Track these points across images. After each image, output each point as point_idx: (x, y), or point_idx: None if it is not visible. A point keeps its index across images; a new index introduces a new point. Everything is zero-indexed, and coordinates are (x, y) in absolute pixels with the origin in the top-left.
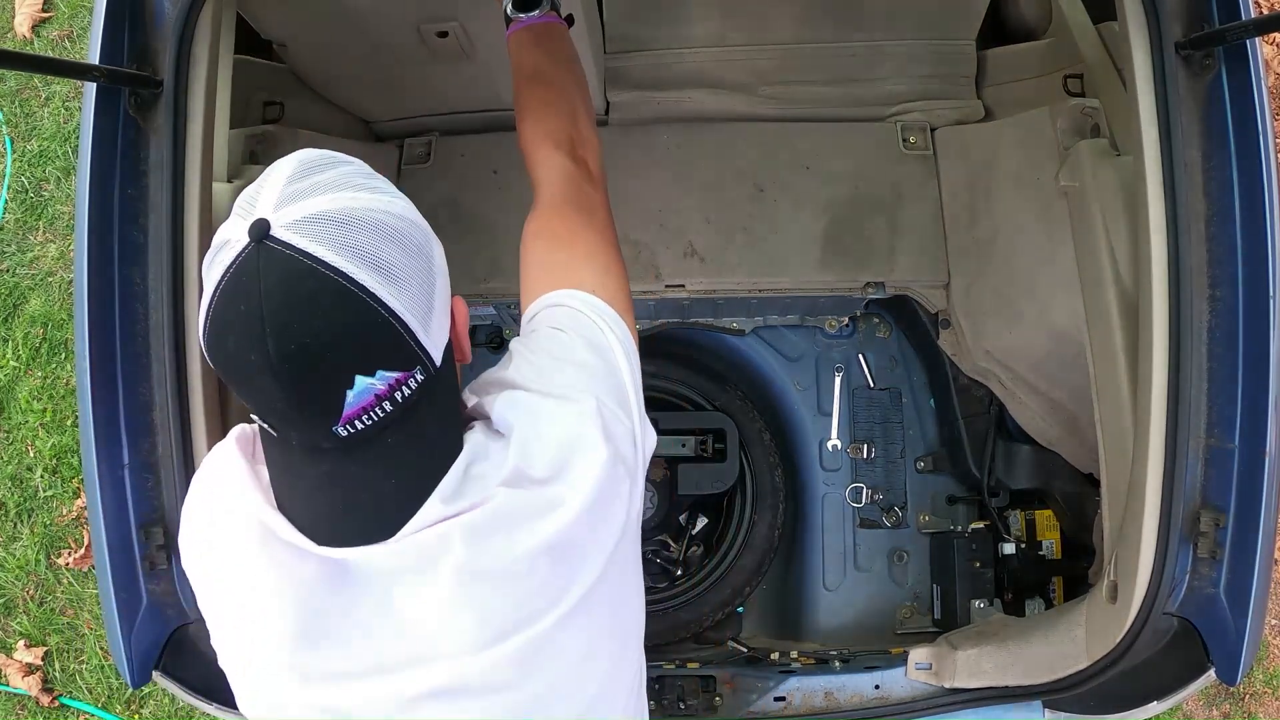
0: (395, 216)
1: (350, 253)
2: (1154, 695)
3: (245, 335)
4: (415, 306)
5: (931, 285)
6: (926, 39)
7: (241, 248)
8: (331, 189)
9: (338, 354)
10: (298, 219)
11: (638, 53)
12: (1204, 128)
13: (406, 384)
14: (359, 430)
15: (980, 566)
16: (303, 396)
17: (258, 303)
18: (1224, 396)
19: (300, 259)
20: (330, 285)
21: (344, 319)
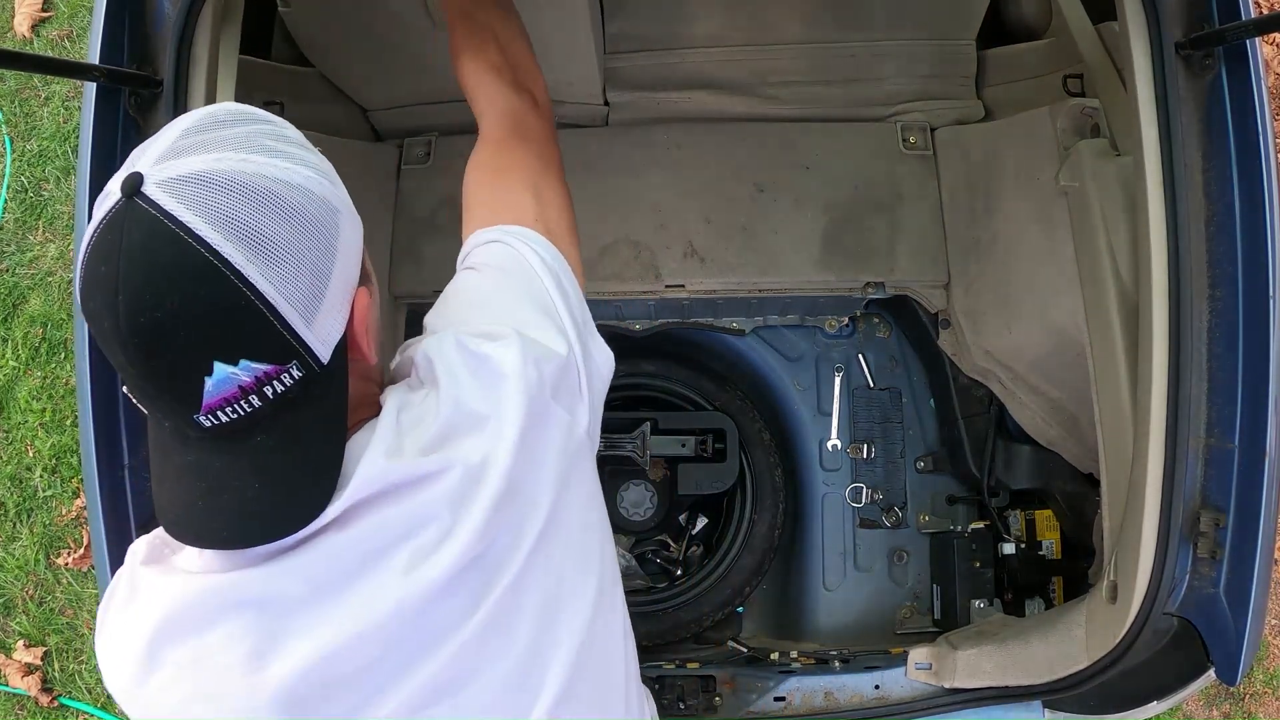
0: (292, 187)
1: (222, 223)
2: (1154, 695)
3: (103, 298)
4: (295, 293)
5: (931, 285)
6: (926, 39)
7: (114, 201)
8: (224, 147)
9: (192, 334)
10: (172, 176)
11: (638, 53)
12: (1204, 128)
13: (279, 379)
14: (224, 423)
15: (980, 566)
16: (156, 375)
17: (115, 265)
18: (1224, 396)
19: (165, 223)
20: (192, 256)
21: (203, 297)
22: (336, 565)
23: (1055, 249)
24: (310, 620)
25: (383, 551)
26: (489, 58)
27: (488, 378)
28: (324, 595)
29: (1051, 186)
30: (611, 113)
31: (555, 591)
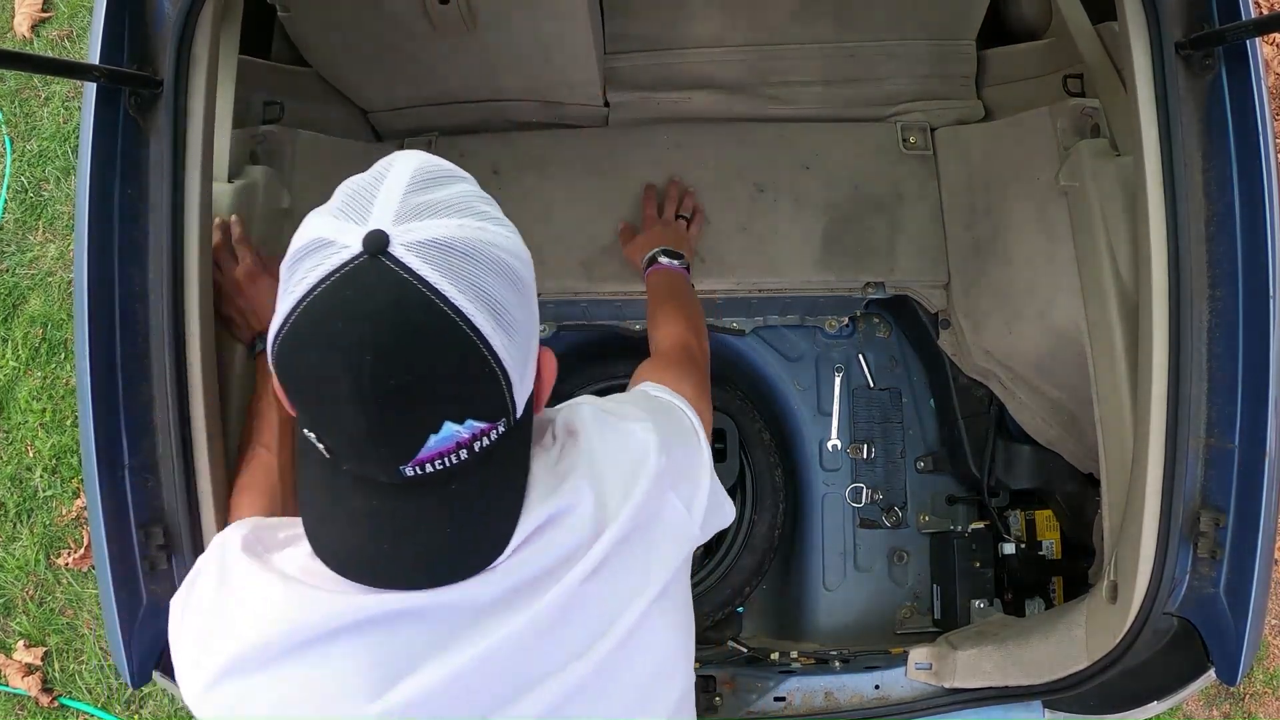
0: (513, 255)
1: (472, 291)
2: (1154, 695)
3: (338, 354)
4: (519, 358)
5: (931, 285)
6: (926, 39)
7: (351, 256)
8: (455, 212)
9: (436, 396)
10: (421, 240)
11: (638, 53)
12: (1204, 128)
13: (489, 434)
14: (425, 474)
15: (980, 566)
16: (385, 432)
17: (362, 324)
18: (1224, 396)
19: (419, 287)
20: (446, 322)
21: (453, 361)
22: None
23: (1055, 249)
24: (428, 653)
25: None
26: (680, 327)
27: (621, 441)
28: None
29: (1051, 186)
30: (611, 113)
31: (659, 659)
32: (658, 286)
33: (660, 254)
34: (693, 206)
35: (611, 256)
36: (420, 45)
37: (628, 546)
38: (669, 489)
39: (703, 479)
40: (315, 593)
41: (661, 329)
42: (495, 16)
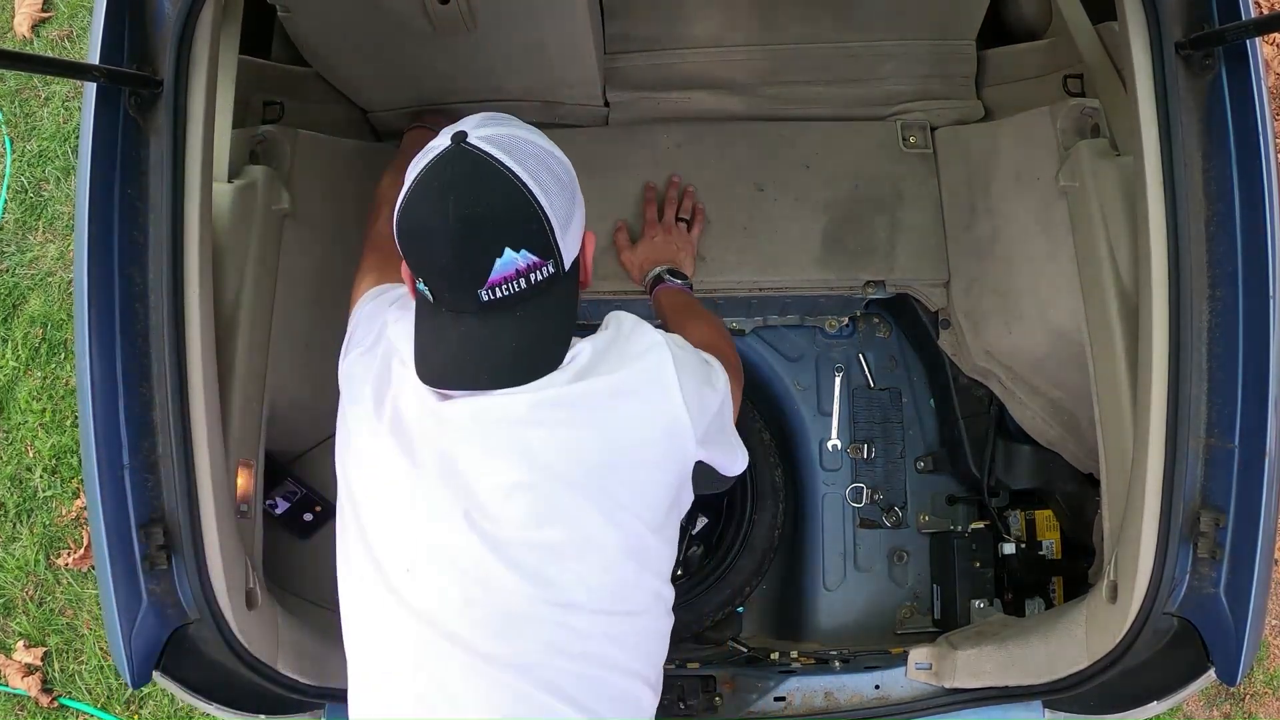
0: (554, 158)
1: (520, 163)
2: (1154, 695)
3: (434, 202)
4: (558, 214)
5: (931, 284)
6: (926, 39)
7: (443, 149)
8: (514, 126)
9: (498, 226)
10: (487, 134)
11: (638, 53)
12: (1204, 128)
13: (540, 269)
14: (497, 298)
15: (980, 566)
16: (465, 254)
17: (449, 179)
18: (1224, 396)
19: (486, 157)
20: (504, 178)
21: (508, 203)
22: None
23: (1055, 249)
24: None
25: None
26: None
27: (639, 333)
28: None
29: (1051, 186)
30: (612, 113)
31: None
32: (673, 307)
33: (665, 273)
34: (693, 208)
35: (611, 256)
36: (420, 45)
37: (600, 402)
38: (671, 371)
39: (710, 400)
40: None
41: (691, 334)
42: (495, 16)
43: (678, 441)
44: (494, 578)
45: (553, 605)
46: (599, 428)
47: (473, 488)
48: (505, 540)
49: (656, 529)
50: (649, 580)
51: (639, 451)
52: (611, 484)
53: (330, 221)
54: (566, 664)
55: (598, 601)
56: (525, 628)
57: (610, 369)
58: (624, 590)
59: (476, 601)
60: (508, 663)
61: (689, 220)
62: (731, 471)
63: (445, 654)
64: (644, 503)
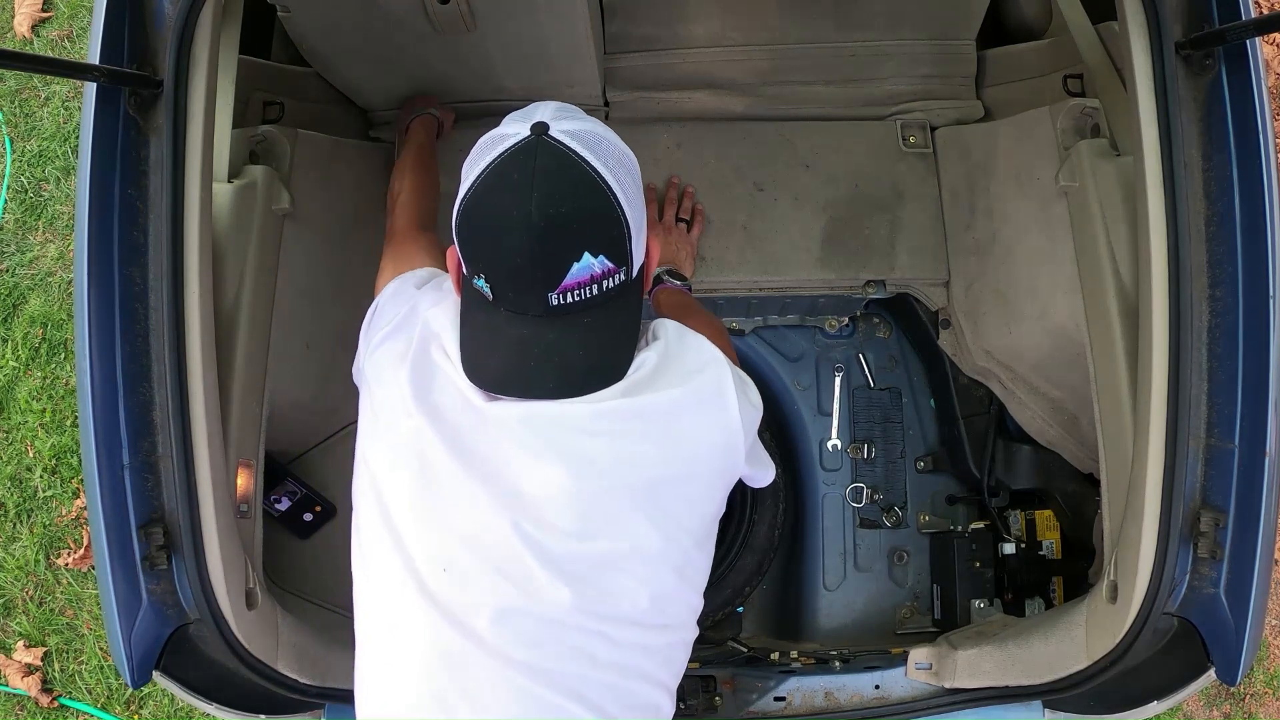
0: (631, 159)
1: (604, 163)
2: (1154, 695)
3: (514, 196)
4: (636, 220)
5: (932, 283)
6: (926, 39)
7: (521, 138)
8: (590, 120)
9: (580, 228)
10: (570, 129)
11: (638, 53)
12: (1204, 128)
13: (613, 277)
14: (566, 304)
15: (980, 566)
16: (543, 254)
17: (531, 173)
18: (1224, 396)
19: (570, 153)
20: (589, 177)
21: (593, 205)
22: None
23: (1055, 249)
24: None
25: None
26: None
27: (695, 343)
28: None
29: (1051, 186)
30: (611, 113)
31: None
32: (672, 307)
33: (664, 274)
34: (692, 208)
35: None
36: (420, 45)
37: (663, 417)
38: (731, 388)
39: (754, 416)
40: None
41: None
42: (495, 16)
43: (731, 457)
44: (535, 585)
45: (592, 616)
46: (660, 442)
47: (521, 491)
48: (551, 548)
49: (700, 542)
50: (688, 594)
51: (696, 466)
52: (666, 498)
53: (330, 221)
54: (597, 674)
55: (639, 614)
56: (560, 636)
57: (671, 383)
58: (664, 604)
59: (514, 609)
60: (536, 669)
61: (689, 220)
62: (762, 483)
63: (470, 658)
64: (693, 516)
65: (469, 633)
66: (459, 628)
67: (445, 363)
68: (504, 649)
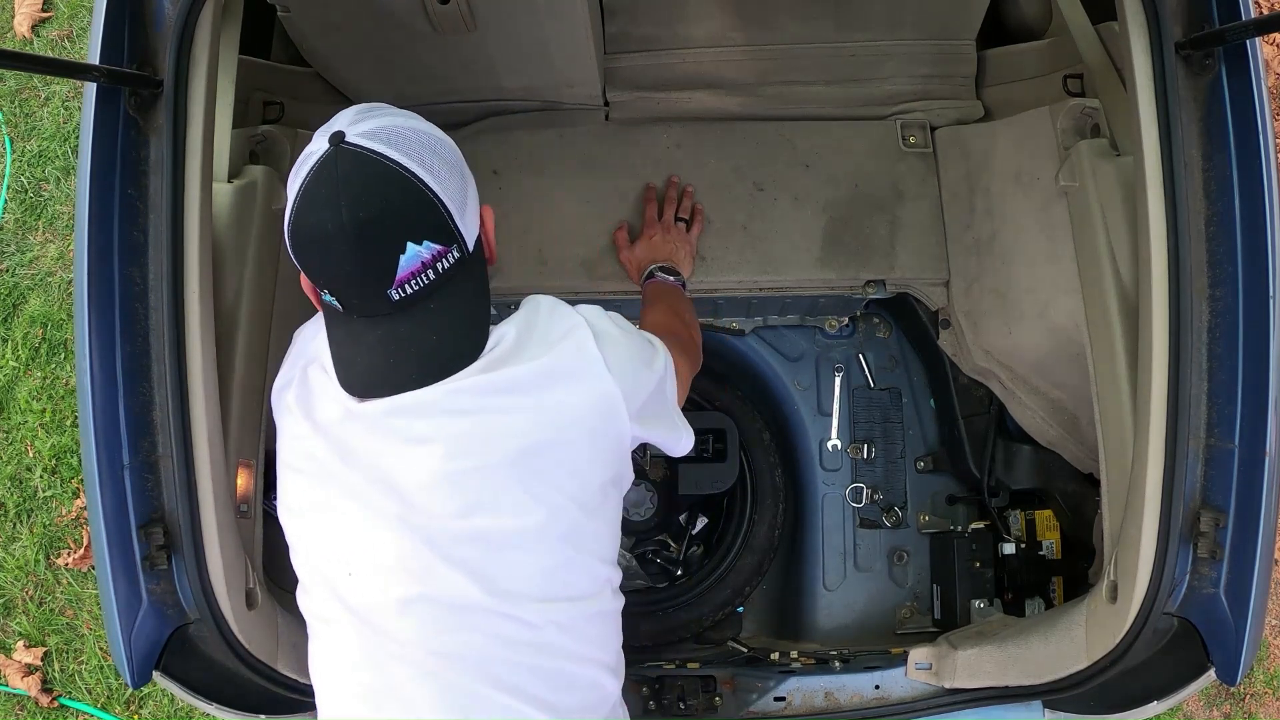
0: (436, 139)
1: (405, 153)
2: (1154, 695)
3: (325, 210)
4: (453, 197)
5: (932, 282)
6: (926, 39)
7: (323, 153)
8: (389, 115)
9: (396, 222)
10: (365, 130)
11: (638, 53)
12: (1204, 128)
13: (446, 257)
14: (408, 295)
15: (980, 566)
16: (368, 257)
17: (335, 184)
18: (1224, 396)
19: (368, 154)
20: (391, 172)
21: (402, 197)
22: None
23: (1055, 249)
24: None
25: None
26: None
27: (560, 313)
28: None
29: (1051, 186)
30: (611, 112)
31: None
32: (653, 295)
33: (658, 270)
34: (692, 208)
35: (612, 256)
36: (420, 45)
37: (528, 387)
38: (594, 351)
39: (645, 378)
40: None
41: (648, 318)
42: (495, 16)
43: (611, 418)
44: (432, 574)
45: (494, 596)
46: (527, 411)
47: (399, 483)
48: (437, 533)
49: (591, 510)
50: (589, 563)
51: (569, 431)
52: (541, 466)
53: None
54: (519, 657)
55: (538, 589)
56: (470, 621)
57: (534, 354)
58: (564, 575)
59: (418, 599)
60: (458, 660)
61: (688, 220)
62: (676, 451)
63: (393, 655)
64: (576, 483)
65: (382, 631)
66: (375, 627)
67: (323, 379)
68: (418, 640)
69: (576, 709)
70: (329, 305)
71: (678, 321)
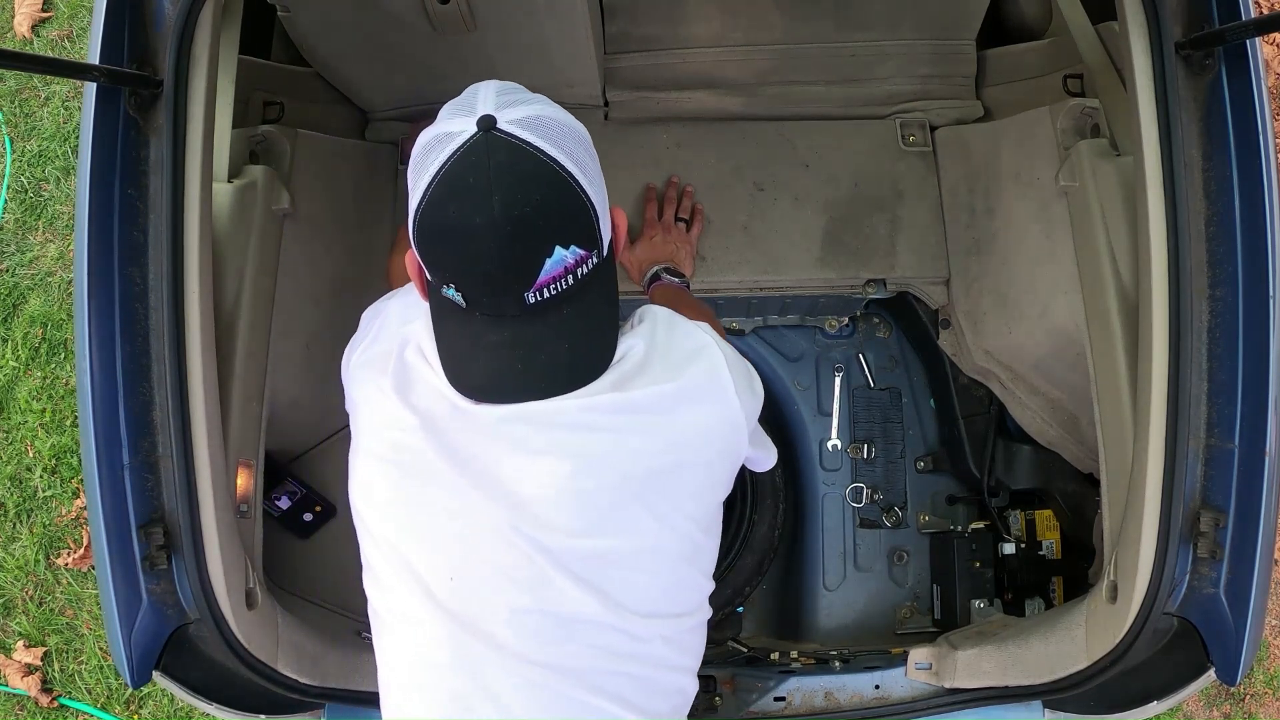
0: (584, 134)
1: (559, 148)
2: (1154, 695)
3: (473, 202)
4: (599, 199)
5: (932, 281)
6: (926, 39)
7: (469, 136)
8: (536, 102)
9: (548, 223)
10: (518, 118)
11: (638, 53)
12: (1204, 128)
13: (586, 262)
14: (544, 299)
15: (980, 566)
16: (514, 257)
17: (487, 175)
18: (1224, 396)
19: (523, 146)
20: (547, 169)
21: (556, 196)
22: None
23: (1055, 249)
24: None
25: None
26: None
27: (684, 331)
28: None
29: (1051, 186)
30: (611, 112)
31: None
32: (666, 299)
33: (663, 271)
34: (692, 208)
35: None
36: (420, 45)
37: (661, 407)
38: (726, 375)
39: (754, 400)
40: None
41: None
42: (495, 16)
43: (733, 441)
44: (546, 586)
45: (609, 612)
46: (660, 433)
47: (518, 493)
48: (556, 548)
49: (707, 528)
50: (699, 580)
51: (696, 455)
52: (668, 489)
53: (330, 221)
54: (621, 667)
55: (653, 606)
56: (577, 633)
57: (664, 375)
58: (677, 593)
59: (526, 609)
60: (558, 668)
61: (688, 220)
62: (764, 467)
63: (492, 662)
64: (698, 504)
65: (485, 637)
66: (474, 632)
67: (424, 368)
68: (522, 649)
69: (667, 713)
70: (446, 299)
71: (719, 330)
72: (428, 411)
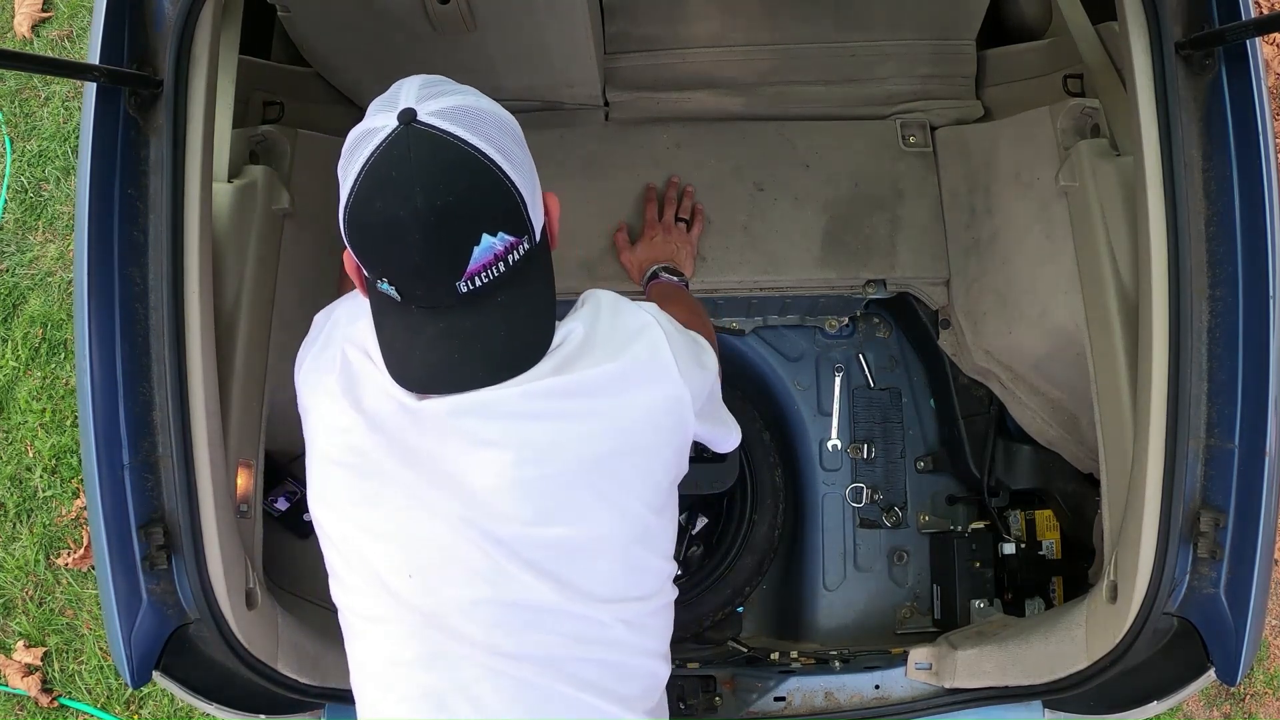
0: (508, 120)
1: (482, 136)
2: (1154, 695)
3: (396, 195)
4: (526, 185)
5: (932, 282)
6: (926, 39)
7: (390, 130)
8: (458, 92)
9: (473, 212)
10: (439, 109)
11: (638, 53)
12: (1204, 128)
13: (517, 249)
14: (476, 288)
15: (980, 566)
16: (441, 247)
17: (409, 169)
18: (1224, 396)
19: (445, 136)
20: (470, 158)
21: (480, 185)
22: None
23: (1055, 249)
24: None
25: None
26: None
27: (628, 312)
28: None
29: (1051, 186)
30: (611, 112)
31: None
32: (664, 295)
33: (662, 270)
34: (692, 208)
35: (612, 257)
36: (420, 45)
37: (604, 391)
38: (667, 353)
39: (703, 378)
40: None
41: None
42: (495, 16)
43: (679, 419)
44: (502, 576)
45: (568, 599)
46: (604, 416)
47: (468, 485)
48: (509, 538)
49: (659, 510)
50: (656, 562)
51: (642, 437)
52: (616, 472)
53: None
54: (587, 653)
55: (611, 591)
56: (541, 622)
57: (607, 355)
58: (635, 577)
59: (486, 600)
60: (526, 658)
61: (689, 220)
62: (725, 447)
63: (459, 654)
64: (648, 485)
65: (450, 630)
66: (439, 627)
67: (370, 368)
68: (488, 641)
69: (638, 696)
70: (383, 294)
71: (698, 320)
72: (376, 412)
